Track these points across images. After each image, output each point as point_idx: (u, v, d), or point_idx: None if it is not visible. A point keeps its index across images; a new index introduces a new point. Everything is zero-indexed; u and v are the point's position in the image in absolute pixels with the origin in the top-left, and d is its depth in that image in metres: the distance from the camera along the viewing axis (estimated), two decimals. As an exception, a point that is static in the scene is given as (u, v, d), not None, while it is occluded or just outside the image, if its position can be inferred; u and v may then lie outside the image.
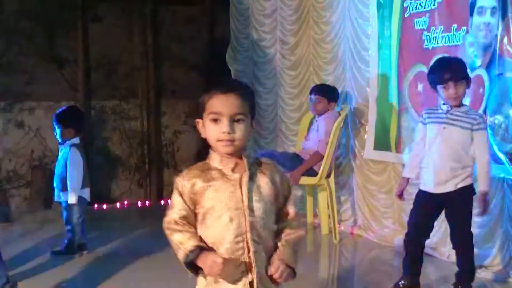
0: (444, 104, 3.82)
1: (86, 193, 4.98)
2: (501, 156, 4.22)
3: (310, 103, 5.64)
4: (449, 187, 3.79)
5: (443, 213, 4.59)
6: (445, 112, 3.82)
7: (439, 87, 3.80)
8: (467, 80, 3.80)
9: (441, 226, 4.78)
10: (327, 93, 5.55)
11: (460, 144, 3.77)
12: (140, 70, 7.37)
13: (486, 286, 4.20)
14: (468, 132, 3.75)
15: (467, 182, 3.80)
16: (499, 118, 4.24)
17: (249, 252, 2.10)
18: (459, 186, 3.79)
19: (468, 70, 3.93)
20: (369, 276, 4.73)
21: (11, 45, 6.82)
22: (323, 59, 6.09)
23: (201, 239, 2.12)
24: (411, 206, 5.06)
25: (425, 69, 4.87)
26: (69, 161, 4.87)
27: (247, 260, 2.11)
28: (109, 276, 4.38)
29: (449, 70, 3.77)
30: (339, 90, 5.70)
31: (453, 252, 4.57)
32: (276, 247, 2.18)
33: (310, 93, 5.65)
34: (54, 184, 5.00)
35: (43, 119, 6.85)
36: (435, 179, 3.82)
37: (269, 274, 2.14)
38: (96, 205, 6.74)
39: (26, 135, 6.96)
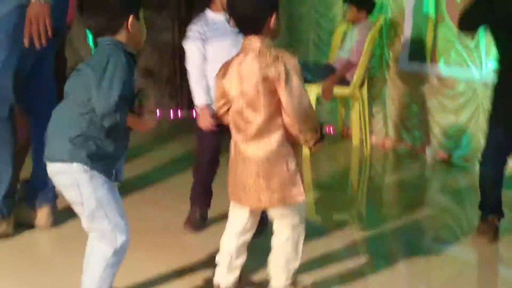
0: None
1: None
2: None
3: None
4: None
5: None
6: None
7: None
8: None
9: (474, 136, 4.78)
10: (358, 2, 5.43)
11: None
12: (171, -20, 7.26)
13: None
14: None
15: None
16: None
17: None
18: None
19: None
20: (400, 187, 4.76)
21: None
22: (359, -33, 5.90)
23: None
24: (444, 117, 5.05)
25: (464, -23, 4.72)
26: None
27: None
28: (141, 181, 4.48)
29: None
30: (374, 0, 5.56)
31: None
32: None
33: (343, 2, 5.55)
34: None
35: (74, 29, 6.83)
36: None
37: None
38: (129, 116, 6.81)
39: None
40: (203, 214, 3.58)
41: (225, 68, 2.58)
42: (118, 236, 2.41)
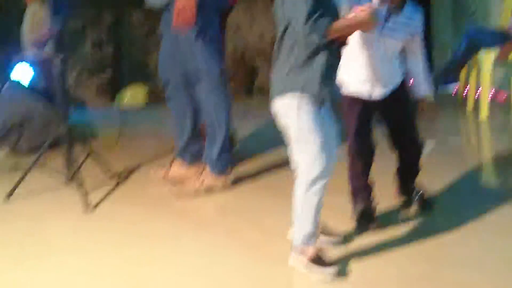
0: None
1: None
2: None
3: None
4: None
5: None
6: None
7: None
8: None
9: None
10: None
11: None
12: None
13: None
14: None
15: None
16: None
17: None
18: None
19: None
20: None
21: None
22: None
23: None
24: None
25: None
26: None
27: None
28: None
29: None
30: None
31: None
32: None
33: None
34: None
35: (241, 16, 7.09)
36: None
37: None
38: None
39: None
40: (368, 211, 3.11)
41: None
42: (314, 168, 2.40)
